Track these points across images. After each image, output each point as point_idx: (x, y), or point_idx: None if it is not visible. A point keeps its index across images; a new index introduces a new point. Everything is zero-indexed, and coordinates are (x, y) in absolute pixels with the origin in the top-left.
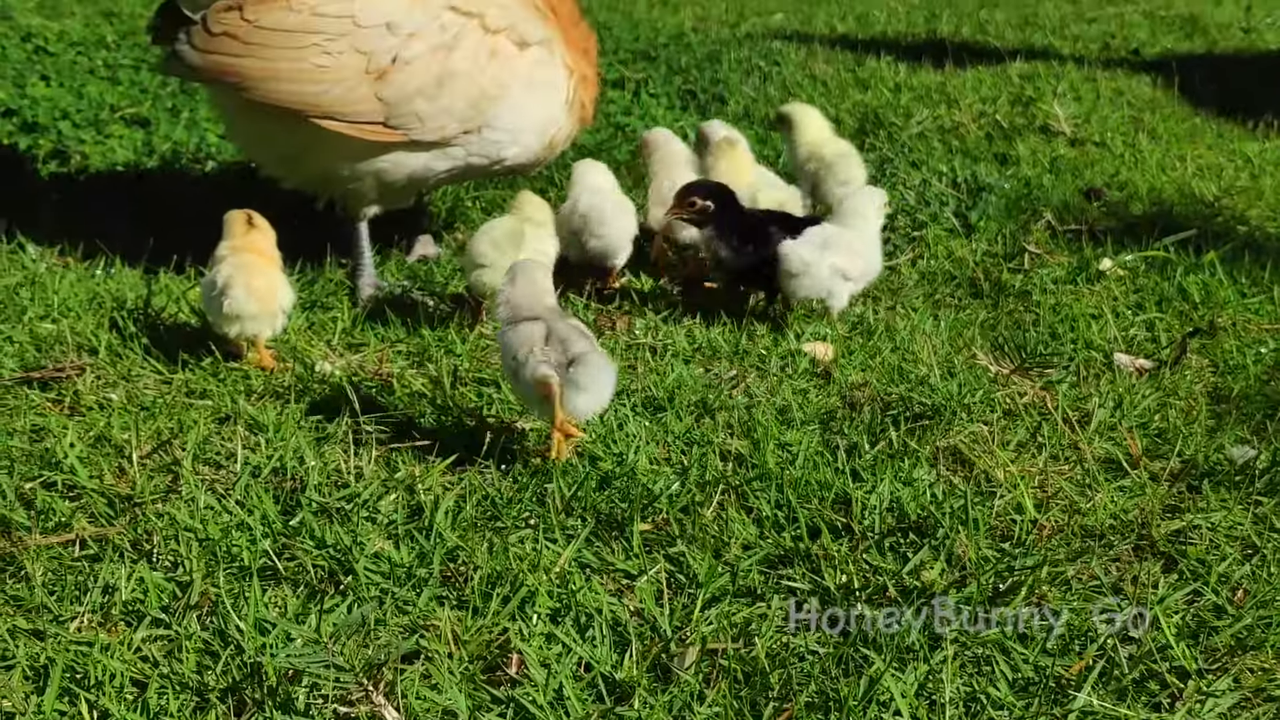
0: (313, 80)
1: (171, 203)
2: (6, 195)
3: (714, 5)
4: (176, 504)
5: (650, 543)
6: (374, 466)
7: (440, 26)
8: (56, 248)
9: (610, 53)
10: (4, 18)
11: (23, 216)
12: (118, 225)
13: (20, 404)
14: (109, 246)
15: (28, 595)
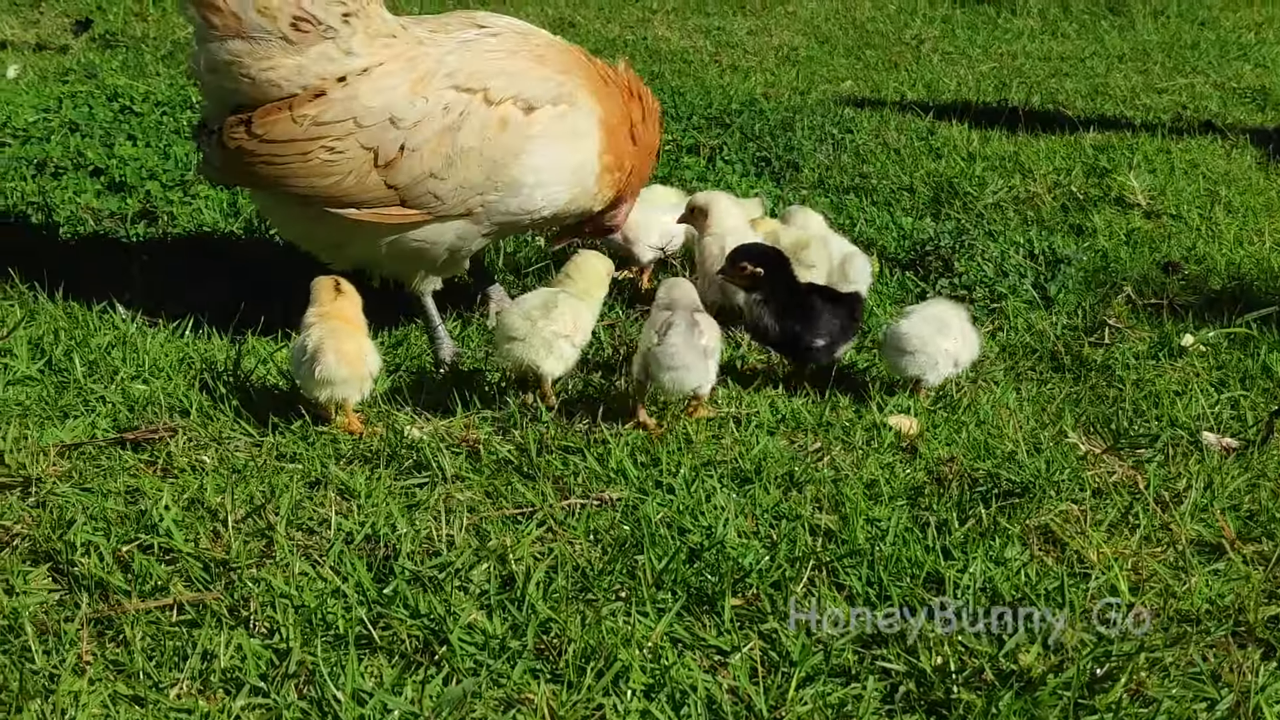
0: (323, 175)
1: (257, 264)
2: (97, 255)
3: (784, 72)
4: (272, 570)
5: (741, 618)
6: (465, 535)
7: (444, 108)
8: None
9: (685, 118)
10: (89, 76)
11: (113, 276)
12: (205, 286)
13: (115, 465)
14: (197, 307)
15: (128, 660)
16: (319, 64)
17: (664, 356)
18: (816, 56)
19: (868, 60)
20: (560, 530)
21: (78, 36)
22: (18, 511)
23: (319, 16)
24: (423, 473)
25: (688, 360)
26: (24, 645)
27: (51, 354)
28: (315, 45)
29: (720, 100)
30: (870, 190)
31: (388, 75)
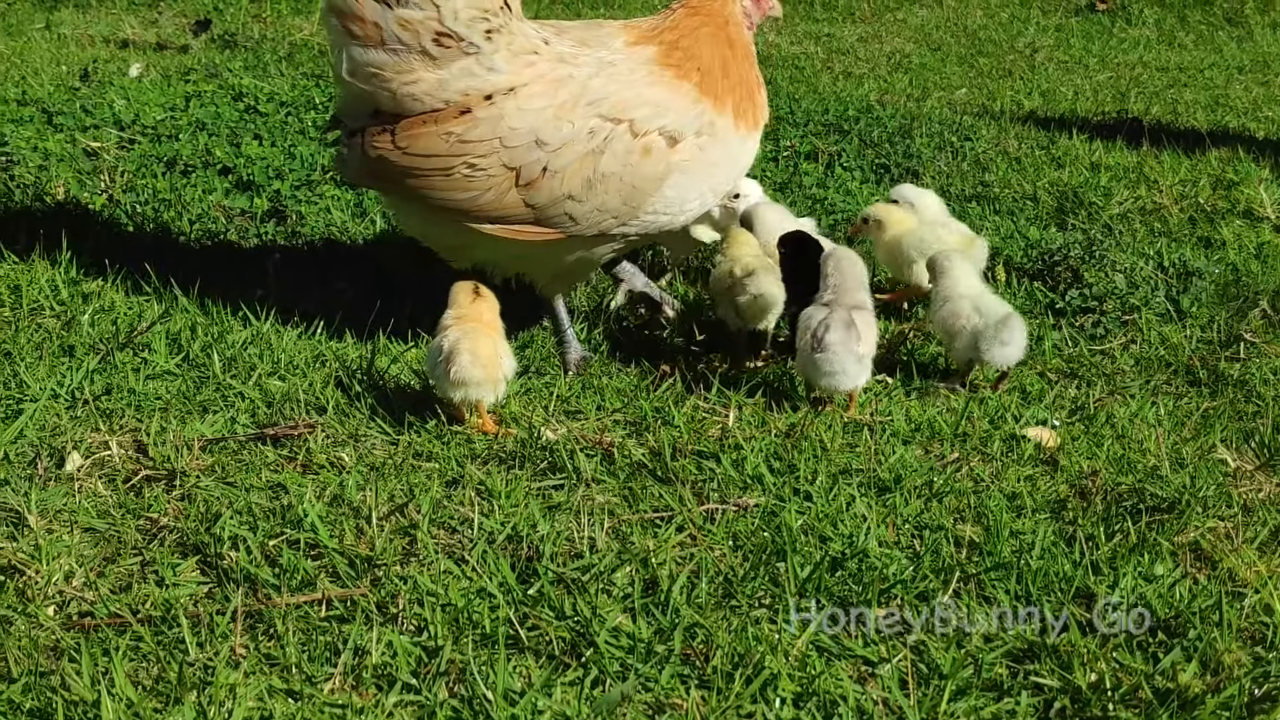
0: (463, 190)
1: (385, 263)
2: (229, 252)
3: (896, 79)
4: (416, 567)
5: (886, 629)
6: (606, 537)
7: (589, 133)
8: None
9: (801, 124)
10: (211, 75)
11: (246, 274)
12: (336, 284)
13: (256, 460)
14: (329, 305)
15: (280, 654)
16: (462, 80)
17: (822, 362)
18: (929, 64)
19: (981, 68)
20: (700, 535)
21: (197, 36)
22: (164, 504)
23: (461, 33)
24: (558, 474)
25: (844, 365)
26: (178, 637)
27: (189, 349)
28: (458, 61)
29: (836, 107)
30: (993, 199)
31: (533, 97)
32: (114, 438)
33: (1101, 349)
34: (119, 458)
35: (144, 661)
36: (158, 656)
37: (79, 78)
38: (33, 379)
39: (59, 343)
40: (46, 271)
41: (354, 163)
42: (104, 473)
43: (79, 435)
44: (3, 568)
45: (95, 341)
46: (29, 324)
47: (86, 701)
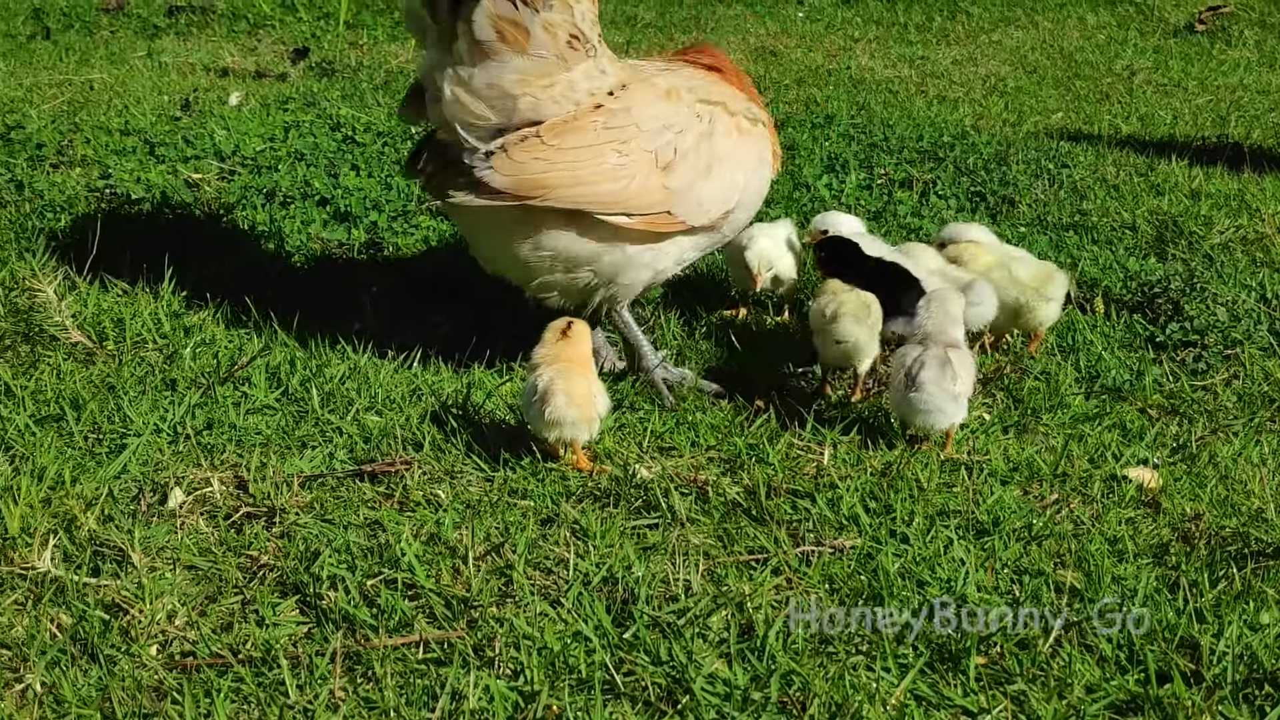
0: (613, 178)
1: (480, 296)
2: (327, 284)
3: (991, 103)
4: (512, 609)
5: (986, 678)
6: (701, 580)
7: (698, 115)
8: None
9: (896, 151)
10: (309, 104)
11: (343, 306)
12: (432, 317)
13: (353, 497)
14: (425, 338)
15: (379, 698)
16: (585, 81)
17: (917, 401)
18: (1025, 87)
19: (1077, 91)
20: (796, 578)
21: (295, 65)
22: (264, 541)
23: (586, 33)
24: (653, 513)
25: (940, 404)
26: (278, 679)
27: (288, 384)
28: (581, 63)
29: (930, 133)
30: (1090, 228)
31: (642, 89)
32: (215, 474)
33: (1203, 384)
34: (220, 494)
35: (245, 704)
36: (259, 699)
37: (180, 107)
38: (136, 414)
39: (161, 376)
40: (149, 304)
41: (505, 174)
42: (205, 509)
43: (181, 471)
44: (107, 606)
45: (197, 375)
46: (132, 358)
47: None
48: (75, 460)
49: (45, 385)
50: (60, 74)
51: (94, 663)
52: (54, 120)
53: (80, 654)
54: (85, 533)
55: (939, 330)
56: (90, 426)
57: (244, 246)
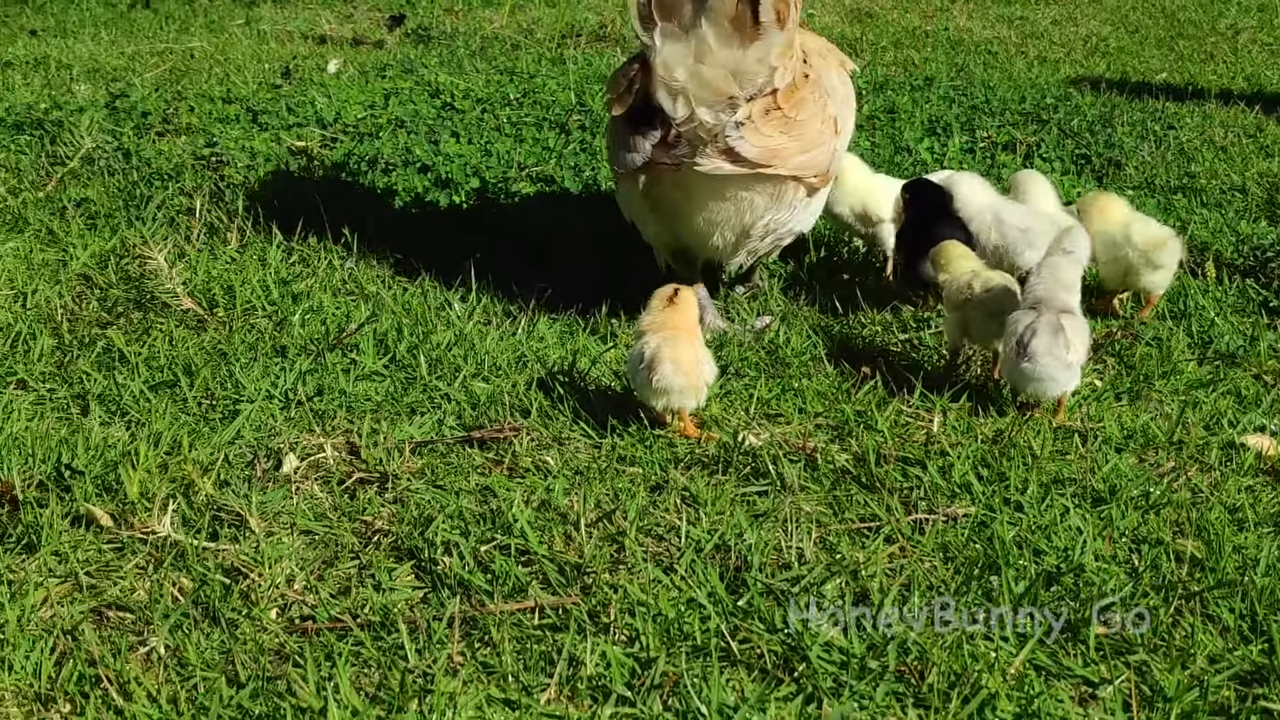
0: (819, 145)
1: (582, 262)
2: (430, 252)
3: (1093, 63)
4: (625, 576)
5: (1106, 648)
6: (813, 547)
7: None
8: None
9: (998, 114)
10: (407, 71)
11: (447, 274)
12: (536, 284)
13: (463, 464)
14: (528, 304)
15: (497, 663)
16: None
17: (1029, 370)
18: (1127, 47)
19: (1181, 51)
20: (909, 547)
21: (391, 31)
22: (378, 507)
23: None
24: (762, 480)
25: (1052, 373)
26: (397, 643)
27: (395, 350)
28: (776, 35)
29: (1033, 95)
30: (1199, 191)
31: (814, 56)
32: (328, 440)
33: None
34: (333, 460)
35: (365, 667)
36: (378, 662)
37: (280, 75)
38: (248, 380)
39: (271, 343)
40: (258, 272)
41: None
42: (319, 475)
43: (294, 437)
44: (227, 570)
45: (306, 342)
46: (242, 324)
47: (313, 709)
48: (190, 426)
49: (159, 352)
50: (160, 42)
51: (216, 626)
52: (157, 89)
53: (202, 617)
54: (203, 497)
55: (1050, 296)
56: (203, 392)
57: (348, 214)
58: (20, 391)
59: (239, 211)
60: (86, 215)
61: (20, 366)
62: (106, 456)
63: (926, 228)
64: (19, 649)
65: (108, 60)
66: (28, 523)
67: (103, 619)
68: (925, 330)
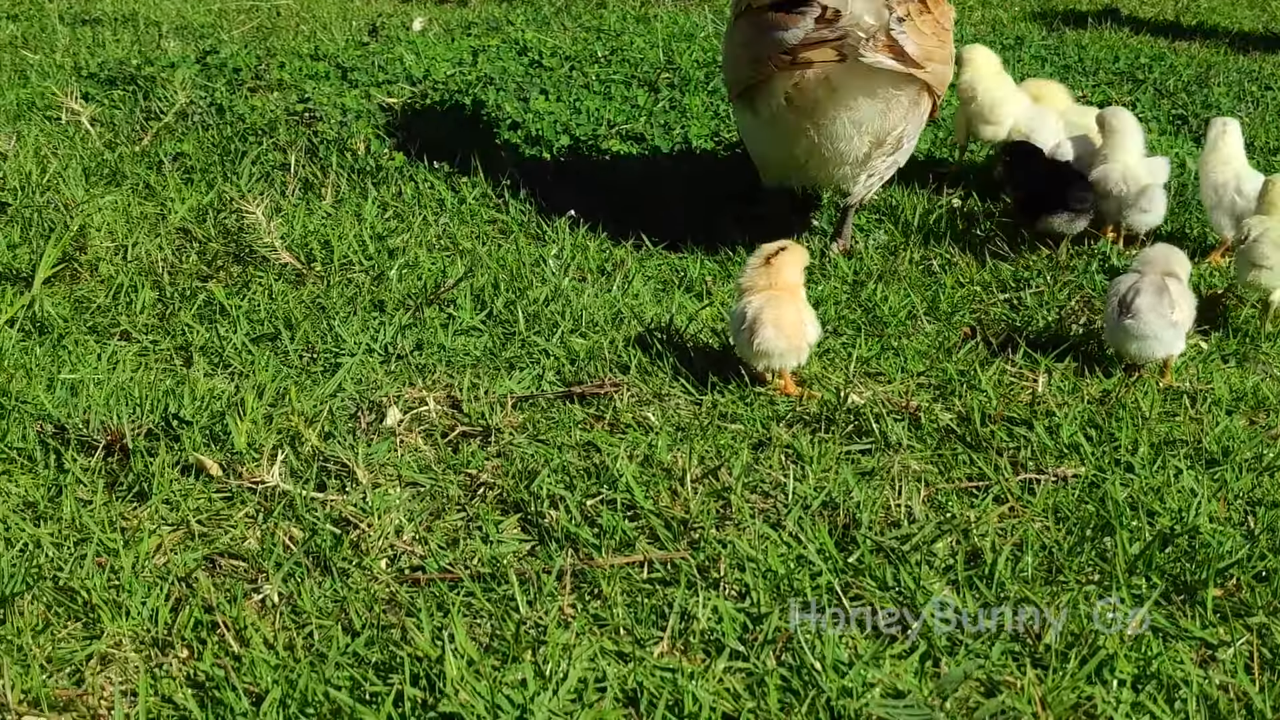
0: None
1: (675, 217)
2: (524, 208)
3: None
4: (733, 532)
5: (1224, 611)
6: (922, 506)
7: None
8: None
9: (1091, 74)
10: (493, 29)
11: (540, 229)
12: (626, 240)
13: (565, 419)
14: (622, 261)
15: (609, 616)
16: None
17: (1131, 328)
18: (1217, 6)
19: (1273, 10)
20: (1020, 507)
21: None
22: (481, 460)
23: None
24: (865, 439)
25: (1155, 330)
26: (507, 595)
27: (493, 306)
28: None
29: (1126, 55)
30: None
31: None
32: (430, 393)
33: None
34: (435, 413)
35: (477, 618)
36: (490, 613)
37: (367, 32)
38: (347, 333)
39: (369, 297)
40: (354, 227)
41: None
42: (422, 428)
43: (396, 390)
44: (336, 520)
45: (403, 297)
46: (340, 279)
47: (429, 657)
48: (292, 378)
49: (259, 305)
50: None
51: (327, 575)
52: (246, 45)
53: (313, 566)
54: (309, 448)
55: (1158, 259)
56: (304, 345)
57: (440, 170)
58: (124, 343)
59: (333, 166)
60: (183, 169)
61: (124, 318)
62: (213, 407)
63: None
64: (135, 595)
65: (195, 17)
66: (138, 471)
67: (215, 566)
68: (1026, 290)
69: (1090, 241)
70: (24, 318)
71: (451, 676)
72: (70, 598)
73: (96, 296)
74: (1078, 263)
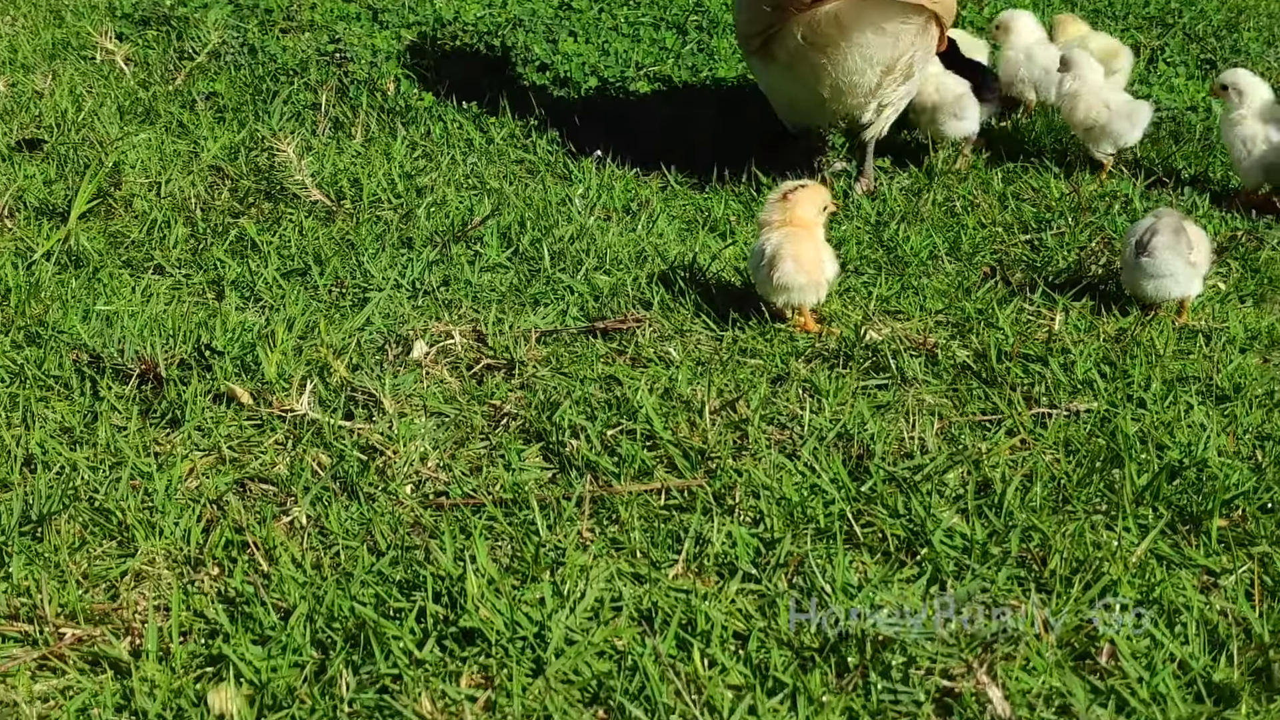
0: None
1: (701, 158)
2: (551, 147)
3: None
4: (749, 461)
5: (1228, 540)
6: (935, 438)
7: None
8: (600, 201)
9: (1120, 18)
10: None
11: (566, 169)
12: (652, 181)
13: (587, 353)
14: (648, 201)
15: (626, 540)
16: None
17: (1148, 266)
18: None
19: None
20: (1031, 440)
21: None
22: (505, 392)
23: None
24: (882, 374)
25: (1173, 269)
26: (528, 519)
27: (519, 244)
28: None
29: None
30: None
31: None
32: (455, 327)
33: None
34: (460, 347)
35: (498, 541)
36: (511, 536)
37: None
38: (376, 269)
39: (398, 235)
40: (383, 165)
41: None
42: (448, 360)
43: (422, 324)
44: (363, 447)
45: (431, 234)
46: (369, 216)
47: (451, 576)
48: (322, 312)
49: (289, 241)
50: None
51: (354, 499)
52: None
53: (340, 491)
54: (337, 379)
55: (1171, 211)
56: (333, 280)
57: (468, 111)
58: (158, 277)
59: (363, 106)
60: (215, 108)
61: (157, 253)
62: (244, 338)
63: None
64: (168, 515)
65: None
66: (171, 399)
67: (246, 490)
68: (1047, 231)
69: (1115, 183)
70: (60, 251)
71: (472, 594)
72: (105, 518)
73: (131, 231)
74: (1099, 204)
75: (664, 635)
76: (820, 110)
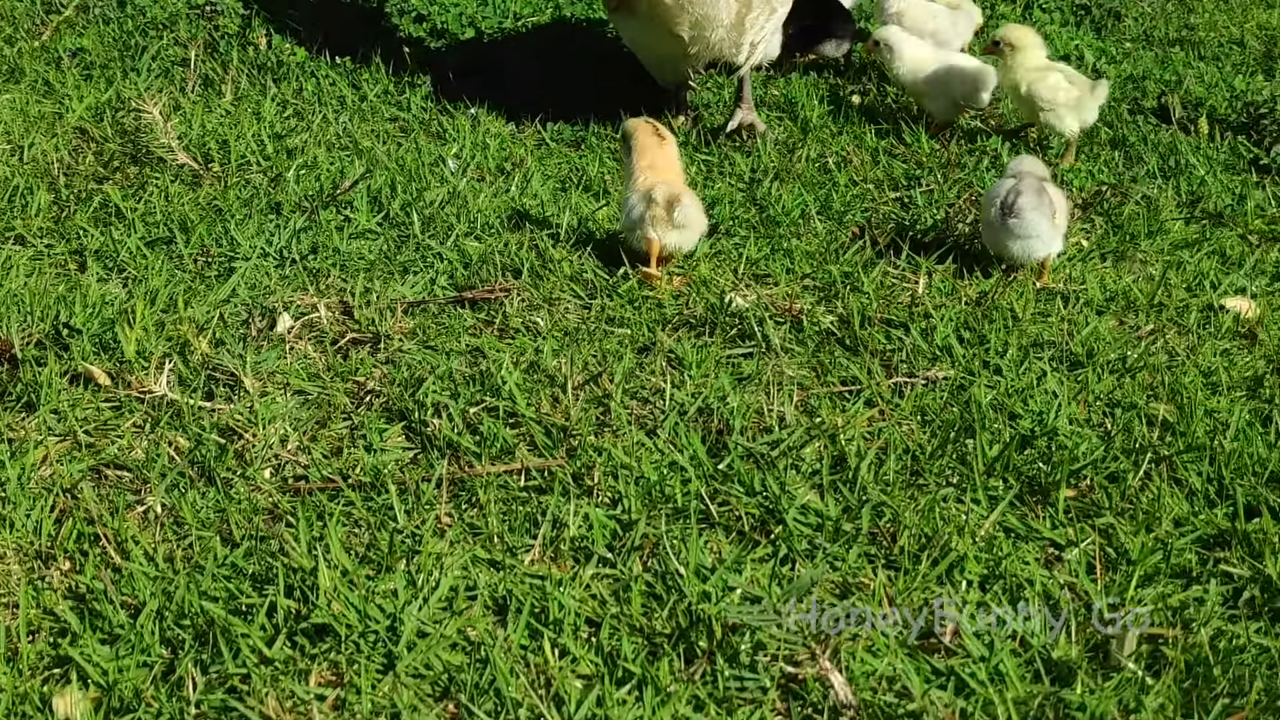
0: None
1: (580, 114)
2: (425, 104)
3: None
4: (610, 439)
5: (1075, 511)
6: (795, 411)
7: None
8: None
9: None
10: None
11: (441, 130)
12: (527, 138)
13: (455, 324)
14: (523, 161)
15: (483, 524)
16: None
17: (1015, 227)
18: None
19: None
20: (888, 410)
21: None
22: (370, 367)
23: None
24: (748, 343)
25: (1039, 229)
26: (387, 504)
27: (389, 208)
28: None
29: None
30: (1197, 44)
31: None
32: (321, 299)
33: None
34: (326, 320)
35: (355, 528)
36: (368, 523)
37: None
38: (243, 237)
39: (266, 200)
40: (253, 126)
41: None
42: (313, 335)
43: (288, 296)
44: (222, 429)
45: (300, 199)
46: (237, 180)
47: (304, 569)
48: (186, 284)
49: (155, 208)
50: None
51: (211, 485)
52: None
53: (198, 477)
54: (199, 357)
55: (1031, 169)
56: (199, 249)
57: (341, 66)
58: (18, 247)
59: (234, 62)
60: (82, 65)
61: (18, 222)
62: (104, 314)
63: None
64: (19, 507)
65: None
66: (27, 381)
67: (101, 477)
68: (916, 189)
69: (982, 139)
70: None
71: (324, 588)
72: None
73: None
74: (968, 160)
75: (516, 625)
76: (686, 57)
